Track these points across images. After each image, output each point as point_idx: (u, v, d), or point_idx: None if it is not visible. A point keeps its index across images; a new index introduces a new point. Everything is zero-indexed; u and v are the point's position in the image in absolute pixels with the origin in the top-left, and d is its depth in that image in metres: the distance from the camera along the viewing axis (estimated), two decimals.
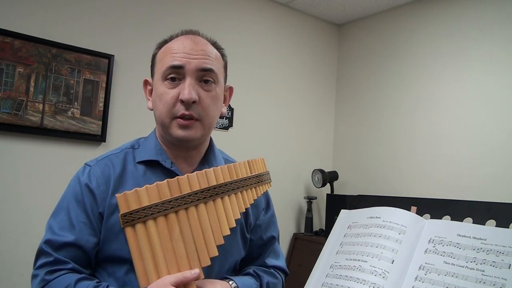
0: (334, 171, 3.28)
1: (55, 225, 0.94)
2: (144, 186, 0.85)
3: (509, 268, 0.72)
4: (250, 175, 0.97)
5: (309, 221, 3.16)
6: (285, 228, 3.20)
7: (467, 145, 2.63)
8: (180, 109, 0.94)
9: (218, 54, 1.05)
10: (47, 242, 0.92)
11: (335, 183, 3.24)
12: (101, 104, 2.39)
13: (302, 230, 3.25)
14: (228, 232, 0.88)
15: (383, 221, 0.90)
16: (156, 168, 1.00)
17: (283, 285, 1.14)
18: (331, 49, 3.57)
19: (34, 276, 0.92)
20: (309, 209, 3.17)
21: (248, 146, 2.99)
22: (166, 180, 0.86)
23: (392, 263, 0.82)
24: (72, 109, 2.31)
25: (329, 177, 3.18)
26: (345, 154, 3.42)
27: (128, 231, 0.83)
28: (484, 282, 0.72)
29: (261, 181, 0.99)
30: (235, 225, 0.90)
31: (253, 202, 0.95)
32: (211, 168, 0.90)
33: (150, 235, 0.83)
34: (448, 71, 2.78)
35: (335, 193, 3.19)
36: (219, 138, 3.05)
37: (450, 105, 2.75)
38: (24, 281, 2.11)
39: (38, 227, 2.10)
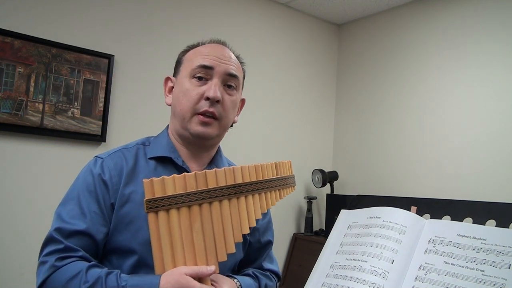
0: (334, 171, 3.28)
1: (65, 213, 0.95)
2: (172, 176, 0.87)
3: (509, 268, 0.72)
4: (276, 176, 0.99)
5: (309, 221, 3.16)
6: (285, 228, 3.20)
7: (468, 145, 2.63)
8: (204, 106, 1.00)
9: (240, 66, 1.12)
10: (57, 229, 0.93)
11: (335, 183, 3.24)
12: (101, 104, 2.39)
13: (302, 230, 3.25)
14: (248, 231, 0.91)
15: (383, 221, 0.90)
16: (167, 165, 1.03)
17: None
18: (331, 49, 3.57)
19: (42, 263, 0.91)
20: (309, 209, 3.17)
21: (248, 146, 3.00)
22: (194, 172, 0.88)
23: (392, 263, 0.82)
24: (72, 109, 2.31)
25: (329, 177, 3.18)
26: (345, 154, 3.42)
27: (151, 217, 0.85)
28: (484, 282, 0.72)
29: (286, 184, 1.01)
30: (255, 225, 0.92)
31: (275, 204, 0.97)
32: (239, 166, 0.92)
33: (171, 224, 0.85)
34: (448, 70, 2.78)
35: (335, 193, 3.19)
36: None
37: (451, 105, 2.75)
38: (24, 281, 2.11)
39: (38, 226, 2.10)
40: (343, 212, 1.02)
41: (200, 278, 0.86)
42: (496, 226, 0.82)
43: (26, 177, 2.20)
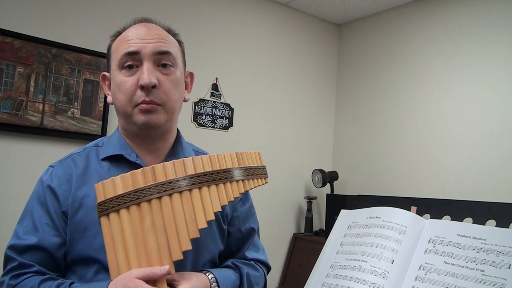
0: (334, 171, 3.28)
1: (20, 230, 0.94)
2: (120, 175, 0.83)
3: (509, 268, 0.72)
4: (236, 167, 0.90)
5: (309, 221, 3.16)
6: (285, 228, 3.20)
7: (468, 145, 2.63)
8: (141, 96, 0.92)
9: (174, 39, 1.02)
10: (11, 247, 0.92)
11: (335, 183, 3.24)
12: (101, 104, 2.39)
13: (302, 230, 3.25)
14: (205, 225, 0.83)
15: (383, 221, 0.90)
16: (121, 163, 0.98)
17: (266, 279, 1.10)
18: (331, 49, 3.57)
19: (0, 284, 0.90)
20: (309, 209, 3.17)
21: (248, 146, 2.99)
22: (141, 169, 0.84)
23: (392, 263, 0.82)
24: (72, 109, 2.31)
25: (329, 177, 3.18)
26: (345, 154, 3.42)
27: (103, 220, 0.82)
28: (484, 282, 0.72)
29: (252, 175, 0.92)
30: (213, 218, 0.85)
31: (238, 195, 0.89)
32: (190, 157, 0.86)
33: (122, 224, 0.81)
34: (448, 70, 2.78)
35: (335, 193, 3.19)
36: (219, 138, 3.07)
37: (450, 105, 2.75)
38: None
39: None
40: (343, 212, 1.02)
41: (155, 280, 0.80)
42: (496, 226, 0.82)
43: (26, 177, 2.20)
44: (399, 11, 3.15)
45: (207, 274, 0.93)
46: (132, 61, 0.93)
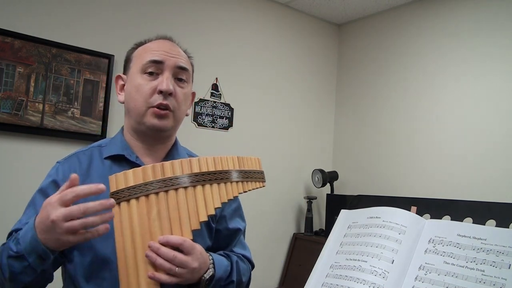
0: (334, 171, 3.28)
1: (24, 217, 1.04)
2: (132, 169, 0.92)
3: (509, 268, 0.71)
4: (237, 169, 0.99)
5: (309, 221, 3.16)
6: (285, 228, 3.20)
7: (467, 145, 2.63)
8: (158, 99, 1.03)
9: (189, 60, 1.15)
10: (13, 231, 1.03)
11: (335, 183, 3.24)
12: (101, 104, 2.39)
13: (302, 230, 3.25)
14: (206, 219, 0.93)
15: (383, 221, 0.90)
16: (122, 162, 1.07)
17: (250, 275, 1.18)
18: (331, 49, 3.57)
19: None
20: (309, 209, 3.17)
21: (248, 146, 2.99)
22: (151, 165, 0.92)
23: (392, 263, 0.82)
24: (72, 109, 2.31)
25: (329, 177, 3.18)
26: (345, 154, 3.42)
27: (114, 210, 0.89)
28: (484, 282, 0.72)
29: (250, 178, 1.01)
30: (214, 213, 0.94)
31: (237, 195, 0.98)
32: (198, 157, 0.95)
33: (131, 213, 0.89)
34: (448, 70, 2.78)
35: (335, 193, 3.19)
36: (219, 138, 3.07)
37: (450, 105, 2.75)
38: None
39: None
40: (343, 212, 1.01)
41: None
42: (496, 226, 0.81)
43: (26, 177, 2.20)
44: (399, 11, 3.15)
45: (208, 253, 1.00)
46: (155, 68, 1.04)
